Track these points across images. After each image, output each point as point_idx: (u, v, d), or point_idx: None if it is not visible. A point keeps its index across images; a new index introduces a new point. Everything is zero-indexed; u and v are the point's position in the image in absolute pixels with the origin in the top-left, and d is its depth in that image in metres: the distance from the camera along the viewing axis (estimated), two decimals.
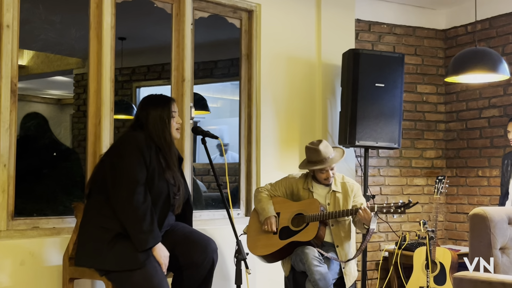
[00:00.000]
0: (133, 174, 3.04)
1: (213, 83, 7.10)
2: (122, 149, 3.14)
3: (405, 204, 3.65)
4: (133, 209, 3.00)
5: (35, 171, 4.67)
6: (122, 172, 3.05)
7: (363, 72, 4.66)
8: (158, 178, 3.13)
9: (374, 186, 5.46)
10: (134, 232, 3.00)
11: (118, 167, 3.07)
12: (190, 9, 4.27)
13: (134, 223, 3.00)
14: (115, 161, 3.10)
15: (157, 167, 3.14)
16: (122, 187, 3.03)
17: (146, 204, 3.03)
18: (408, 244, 4.86)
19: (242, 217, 4.59)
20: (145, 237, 2.99)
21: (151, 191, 3.10)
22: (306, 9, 4.94)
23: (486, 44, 5.36)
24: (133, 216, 3.00)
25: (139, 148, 3.09)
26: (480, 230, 3.47)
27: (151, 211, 3.04)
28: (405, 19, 5.65)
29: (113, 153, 3.17)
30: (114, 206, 3.04)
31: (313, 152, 3.85)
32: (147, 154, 3.10)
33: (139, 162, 3.07)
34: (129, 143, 3.13)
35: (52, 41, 5.69)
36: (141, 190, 3.03)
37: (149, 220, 3.01)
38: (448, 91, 5.76)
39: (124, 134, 3.27)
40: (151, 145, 3.15)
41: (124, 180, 3.03)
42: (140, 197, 3.01)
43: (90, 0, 3.84)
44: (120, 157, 3.10)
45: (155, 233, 3.02)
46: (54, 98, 8.17)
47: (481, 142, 5.47)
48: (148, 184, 3.09)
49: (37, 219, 3.60)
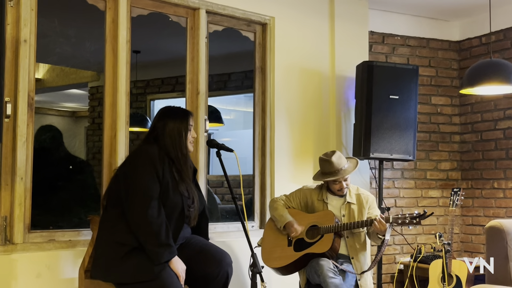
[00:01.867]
0: (146, 188, 3.05)
1: (227, 96, 7.12)
2: (135, 164, 3.14)
3: (420, 215, 3.63)
4: (147, 223, 3.00)
5: (51, 183, 4.70)
6: (136, 187, 3.06)
7: (377, 84, 4.66)
8: (172, 191, 3.13)
9: (388, 198, 5.43)
10: (150, 247, 3.01)
11: (132, 182, 3.07)
12: (204, 22, 4.31)
13: (149, 238, 3.01)
14: (129, 176, 3.10)
15: (171, 181, 3.14)
16: (136, 202, 3.03)
17: (160, 218, 3.03)
18: (423, 256, 4.83)
19: (257, 229, 4.58)
20: (161, 251, 3.00)
21: (165, 204, 3.10)
22: (319, 21, 4.96)
23: (500, 56, 5.34)
24: (147, 230, 3.01)
25: (152, 162, 3.10)
26: (496, 243, 3.45)
27: (166, 225, 3.04)
28: (418, 30, 5.65)
29: (126, 167, 3.18)
30: (129, 221, 3.05)
31: (326, 163, 3.86)
32: (160, 168, 3.11)
33: (152, 177, 3.08)
34: (142, 158, 3.13)
35: (67, 55, 5.76)
36: (155, 204, 3.04)
37: (164, 234, 3.01)
38: (463, 103, 5.73)
39: (137, 149, 3.28)
40: (164, 158, 3.15)
41: (137, 195, 3.04)
42: (154, 212, 3.02)
43: (106, 15, 3.89)
44: (134, 172, 3.10)
45: (171, 247, 3.03)
46: (69, 111, 8.25)
47: (497, 153, 5.43)
48: (162, 198, 3.10)
49: (53, 232, 3.62)
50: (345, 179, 3.87)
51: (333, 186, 3.90)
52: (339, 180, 3.86)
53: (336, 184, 3.88)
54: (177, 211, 3.15)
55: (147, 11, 4.08)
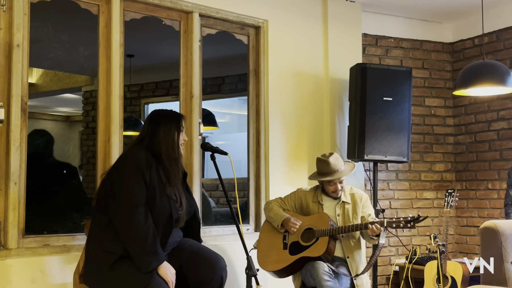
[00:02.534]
0: (133, 195, 3.01)
1: (221, 99, 7.12)
2: (121, 170, 3.11)
3: (415, 219, 3.64)
4: (134, 230, 2.97)
5: (44, 188, 4.69)
6: (122, 193, 3.02)
7: (371, 86, 4.67)
8: (159, 196, 3.10)
9: (383, 200, 5.44)
10: (137, 254, 2.97)
11: (118, 188, 3.05)
12: (198, 26, 4.31)
13: (136, 245, 2.97)
14: (115, 182, 3.08)
15: (158, 185, 3.11)
16: (122, 209, 3.00)
17: (147, 225, 2.99)
18: (418, 258, 4.84)
19: (252, 232, 4.58)
20: (148, 258, 2.95)
21: (153, 210, 3.07)
22: (313, 24, 4.97)
23: (493, 57, 5.37)
24: (134, 237, 2.97)
25: (138, 168, 3.06)
26: (491, 244, 3.46)
27: (153, 231, 3.00)
28: (411, 32, 5.67)
29: (113, 173, 3.15)
30: (116, 228, 3.01)
31: (323, 163, 3.87)
32: (147, 173, 3.07)
33: (139, 183, 3.04)
34: (128, 163, 3.10)
35: (61, 59, 5.75)
36: (142, 211, 3.00)
37: (151, 241, 2.97)
38: (456, 104, 5.75)
39: (125, 153, 3.26)
40: (151, 162, 3.11)
41: (124, 202, 3.01)
42: (141, 218, 2.98)
43: (99, 19, 3.88)
44: (120, 178, 3.07)
45: (158, 254, 2.98)
46: (63, 115, 8.23)
47: (490, 155, 5.45)
48: (150, 203, 3.06)
49: (48, 237, 3.61)
50: (341, 181, 3.88)
51: (328, 187, 3.90)
52: (335, 181, 3.86)
53: (331, 186, 3.88)
54: (165, 216, 3.12)
55: (140, 15, 4.08)
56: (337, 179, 3.86)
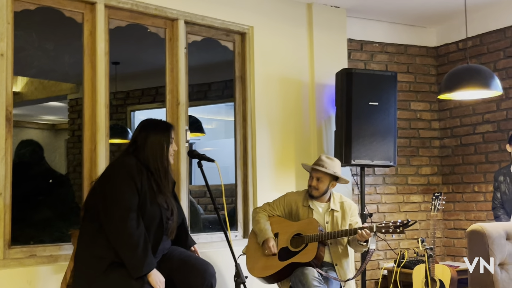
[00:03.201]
0: (125, 201, 3.02)
1: (208, 105, 7.12)
2: (113, 176, 3.12)
3: (404, 224, 3.65)
4: (126, 236, 2.97)
5: (31, 198, 4.65)
6: (114, 199, 3.03)
7: (357, 91, 4.68)
8: (150, 203, 3.11)
9: (371, 204, 5.46)
10: (128, 259, 2.97)
11: (110, 194, 3.05)
12: (183, 33, 4.30)
13: (128, 250, 2.98)
14: (107, 188, 3.08)
15: (149, 192, 3.12)
16: (114, 215, 3.00)
17: (139, 231, 3.00)
18: (407, 261, 4.85)
19: (240, 239, 4.57)
20: (140, 263, 2.97)
21: (144, 216, 3.07)
22: (298, 30, 4.98)
23: (477, 61, 5.41)
24: (126, 243, 2.98)
25: (130, 174, 3.07)
26: (478, 247, 3.47)
27: (144, 237, 3.01)
28: (396, 37, 5.70)
29: (104, 180, 3.15)
30: (108, 234, 3.01)
31: (318, 158, 4.00)
32: (138, 180, 3.08)
33: (131, 189, 3.05)
34: (119, 170, 3.11)
35: (45, 68, 5.72)
36: (133, 216, 3.01)
37: (143, 246, 2.99)
38: (442, 108, 5.79)
39: (115, 161, 3.26)
40: (142, 169, 3.13)
41: (116, 208, 3.01)
42: (133, 224, 2.99)
43: (83, 27, 3.86)
44: (111, 184, 3.08)
45: (149, 259, 2.99)
46: (49, 124, 8.18)
47: (476, 157, 5.49)
48: (141, 210, 3.07)
49: (34, 247, 3.58)
50: (318, 178, 3.90)
51: (308, 180, 3.97)
52: (312, 175, 3.92)
53: (310, 179, 3.95)
54: (155, 223, 3.13)
55: (125, 23, 4.07)
56: (315, 172, 3.91)
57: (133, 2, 4.03)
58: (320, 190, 3.92)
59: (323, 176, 3.91)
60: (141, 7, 4.08)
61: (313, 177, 3.93)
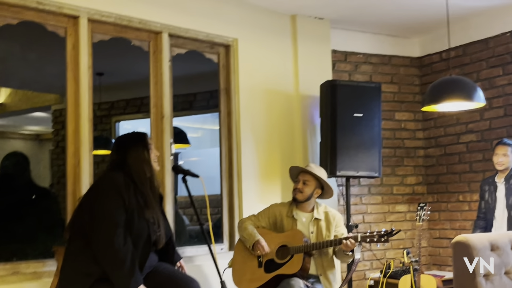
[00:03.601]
0: (112, 217, 3.00)
1: (193, 115, 7.10)
2: (100, 192, 3.10)
3: (388, 233, 3.67)
4: (113, 252, 2.96)
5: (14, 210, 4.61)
6: (101, 215, 3.01)
7: (341, 103, 4.70)
8: (137, 218, 3.10)
9: (356, 215, 5.47)
10: (115, 276, 2.96)
11: (97, 210, 3.03)
12: (167, 46, 4.29)
13: (115, 267, 2.96)
14: (94, 204, 3.06)
15: (136, 207, 3.10)
16: (101, 231, 2.99)
17: (126, 247, 2.99)
18: (393, 271, 4.85)
19: (226, 251, 4.55)
20: (127, 280, 2.95)
21: (131, 232, 3.06)
22: (282, 42, 4.99)
23: (460, 71, 5.45)
24: (113, 259, 2.96)
25: (117, 190, 3.06)
26: (463, 258, 3.48)
27: (132, 253, 3.00)
28: (380, 48, 5.73)
29: (91, 196, 3.13)
30: (94, 250, 3.00)
31: (306, 165, 4.06)
32: (126, 195, 3.07)
33: (118, 204, 3.04)
34: (107, 185, 3.10)
35: (29, 79, 5.68)
36: (120, 232, 2.99)
37: (130, 263, 2.97)
38: (426, 118, 5.82)
39: (102, 176, 3.23)
40: (129, 184, 3.12)
41: (103, 224, 2.99)
42: (120, 240, 2.98)
43: (66, 41, 3.84)
44: (99, 200, 3.06)
45: (136, 276, 2.98)
46: (33, 134, 8.12)
47: (460, 167, 5.52)
48: (128, 226, 3.05)
49: (17, 264, 3.54)
50: (304, 181, 3.92)
51: (294, 185, 4.01)
52: (299, 178, 3.95)
53: (297, 182, 3.97)
54: (143, 238, 3.11)
55: (108, 36, 4.04)
56: (302, 174, 3.95)
57: (117, 16, 4.02)
58: (305, 193, 3.94)
59: (310, 180, 3.94)
60: (125, 21, 4.07)
61: (299, 180, 3.95)
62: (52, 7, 3.73)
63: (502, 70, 5.19)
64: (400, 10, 5.06)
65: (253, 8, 4.80)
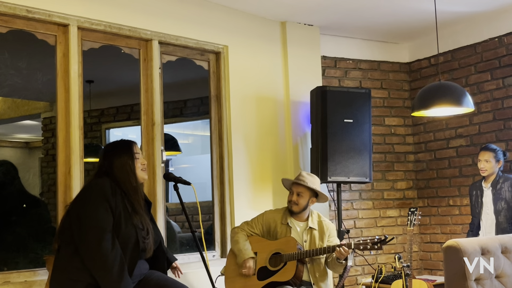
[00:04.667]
0: (99, 222, 3.00)
1: (184, 122, 7.09)
2: (87, 198, 3.09)
3: (382, 240, 3.67)
4: (101, 257, 2.94)
5: (4, 219, 4.59)
6: (88, 221, 3.00)
7: (331, 109, 4.72)
8: (125, 223, 3.08)
9: (348, 220, 5.48)
10: (104, 281, 2.95)
11: (84, 216, 3.02)
12: (157, 53, 4.29)
13: (103, 272, 2.95)
14: (81, 210, 3.05)
15: (124, 213, 3.10)
16: (89, 236, 2.98)
17: (114, 251, 2.98)
18: (384, 276, 4.86)
19: (218, 258, 4.55)
20: (115, 285, 2.94)
21: (119, 237, 3.04)
22: (272, 48, 5.01)
23: (449, 76, 5.49)
24: (102, 264, 2.95)
25: (104, 195, 3.05)
26: (454, 262, 3.49)
27: (120, 258, 2.99)
28: (369, 54, 5.76)
29: (78, 202, 3.13)
30: (83, 256, 2.98)
31: (299, 174, 4.02)
32: (113, 200, 3.07)
33: (105, 210, 3.03)
34: (93, 191, 3.09)
35: (18, 87, 5.65)
36: (108, 237, 2.98)
37: (118, 267, 2.96)
38: (415, 123, 5.85)
39: (89, 183, 3.23)
40: (116, 190, 3.11)
41: (90, 229, 2.98)
42: (108, 244, 2.97)
43: (56, 49, 3.83)
44: (86, 206, 3.05)
45: (125, 280, 2.96)
46: (22, 142, 8.08)
47: (450, 171, 5.55)
48: (115, 230, 3.04)
49: (8, 274, 3.52)
50: (298, 193, 3.91)
51: (288, 195, 3.99)
52: (293, 190, 3.94)
53: (290, 194, 3.96)
54: (131, 244, 3.09)
55: (98, 44, 4.04)
56: (295, 186, 3.93)
57: (107, 24, 4.02)
58: (300, 205, 3.93)
59: (303, 191, 3.92)
60: (115, 29, 4.07)
61: (293, 192, 3.94)
62: (42, 15, 3.73)
63: (491, 75, 5.23)
64: (389, 16, 5.09)
65: (242, 15, 4.81)
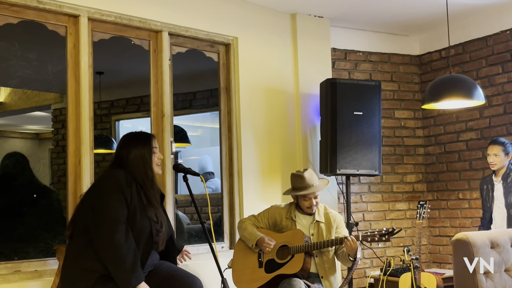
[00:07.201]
0: (113, 213, 3.02)
1: (193, 114, 7.10)
2: (102, 189, 3.11)
3: (389, 232, 3.67)
4: (114, 248, 2.97)
5: (15, 209, 4.62)
6: (103, 211, 3.02)
7: (341, 101, 4.70)
8: (140, 215, 3.11)
9: (356, 213, 5.47)
10: (117, 272, 2.97)
11: (99, 207, 3.04)
12: (167, 45, 4.30)
13: (116, 263, 2.97)
14: (96, 201, 3.07)
15: (138, 205, 3.12)
16: (103, 227, 3.00)
17: (128, 243, 3.00)
18: (393, 270, 4.86)
19: (227, 250, 4.56)
20: (128, 276, 2.96)
21: (133, 229, 3.07)
22: (282, 40, 5.00)
23: (460, 69, 5.46)
24: (115, 255, 2.97)
25: (119, 187, 3.07)
26: (463, 255, 3.49)
27: (133, 250, 3.01)
28: (379, 46, 5.73)
29: (93, 193, 3.15)
30: (96, 247, 3.01)
31: (298, 178, 3.89)
32: (128, 192, 3.08)
33: (120, 201, 3.05)
34: (109, 182, 3.11)
35: (29, 78, 5.68)
36: (122, 229, 3.01)
37: (132, 259, 2.98)
38: (426, 116, 5.83)
39: (104, 173, 3.25)
40: (131, 182, 3.13)
41: (105, 220, 3.00)
42: (121, 236, 2.99)
43: (67, 40, 3.84)
44: (100, 197, 3.07)
45: (138, 272, 2.99)
46: (33, 133, 8.12)
47: (460, 165, 5.53)
48: (130, 222, 3.07)
49: (19, 263, 3.54)
50: (316, 196, 3.89)
51: (303, 202, 3.90)
52: (309, 196, 3.87)
53: (306, 201, 3.89)
54: (145, 236, 3.12)
55: (109, 35, 4.05)
56: (312, 193, 3.86)
57: (117, 15, 4.02)
58: (318, 205, 3.94)
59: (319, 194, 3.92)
60: (125, 20, 4.07)
61: (309, 198, 3.88)
62: (52, 6, 3.74)
63: (502, 68, 5.20)
64: (400, 8, 5.06)
65: (253, 6, 4.80)
